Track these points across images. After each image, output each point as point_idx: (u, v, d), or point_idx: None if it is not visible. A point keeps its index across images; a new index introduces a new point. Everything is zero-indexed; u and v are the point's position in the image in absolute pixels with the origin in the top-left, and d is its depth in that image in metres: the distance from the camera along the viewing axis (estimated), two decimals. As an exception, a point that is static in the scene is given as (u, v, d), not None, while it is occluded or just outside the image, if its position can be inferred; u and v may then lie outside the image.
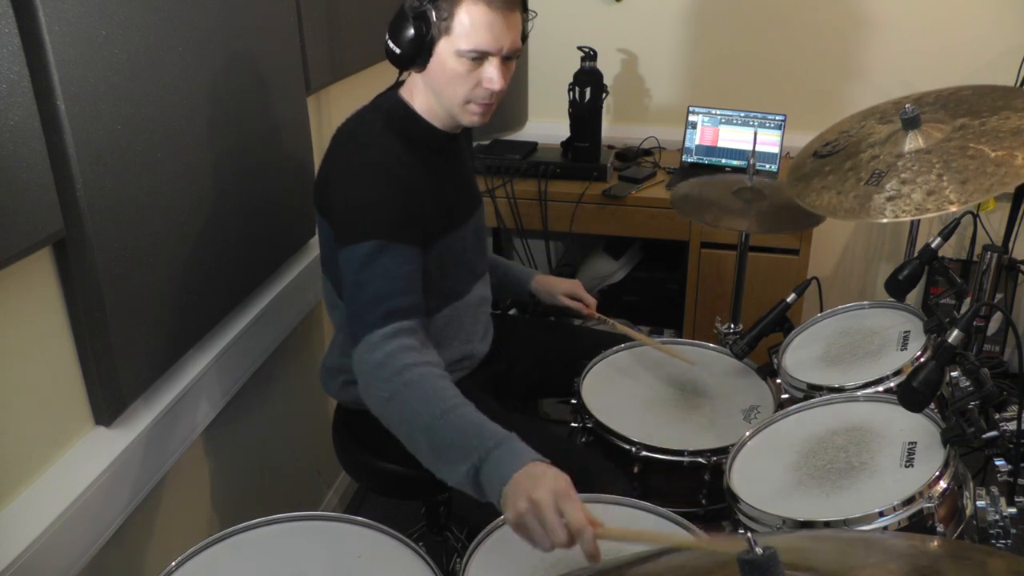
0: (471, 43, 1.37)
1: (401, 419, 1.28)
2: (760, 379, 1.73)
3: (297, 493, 2.19)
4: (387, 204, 1.40)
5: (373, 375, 1.30)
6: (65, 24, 1.18)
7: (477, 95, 1.43)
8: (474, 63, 1.39)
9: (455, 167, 1.59)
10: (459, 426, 1.23)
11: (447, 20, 1.37)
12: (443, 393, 1.27)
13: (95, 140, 1.25)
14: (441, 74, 1.42)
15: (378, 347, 1.31)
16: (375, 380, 1.30)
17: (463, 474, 1.19)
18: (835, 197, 1.53)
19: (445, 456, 1.22)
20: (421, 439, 1.25)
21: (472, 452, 1.19)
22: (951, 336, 1.23)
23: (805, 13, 2.84)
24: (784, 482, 1.31)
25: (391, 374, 1.29)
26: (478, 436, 1.21)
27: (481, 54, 1.38)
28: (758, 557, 0.68)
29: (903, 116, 1.54)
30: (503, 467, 1.15)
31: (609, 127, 2.96)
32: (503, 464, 1.16)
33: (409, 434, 1.27)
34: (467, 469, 1.18)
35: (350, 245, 1.37)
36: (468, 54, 1.38)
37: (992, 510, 1.17)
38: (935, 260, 1.64)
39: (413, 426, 1.26)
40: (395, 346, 1.31)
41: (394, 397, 1.28)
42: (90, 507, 1.30)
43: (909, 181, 1.45)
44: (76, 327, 1.31)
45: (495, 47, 1.38)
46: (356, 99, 1.59)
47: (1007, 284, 2.84)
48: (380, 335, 1.31)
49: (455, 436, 1.22)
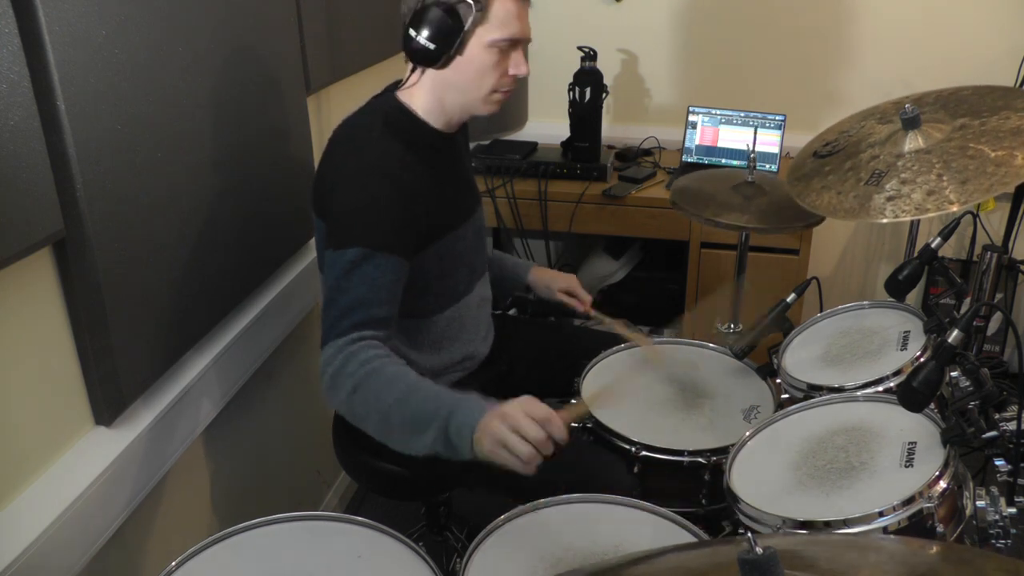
0: (506, 31, 1.41)
1: (367, 408, 1.30)
2: (760, 379, 1.73)
3: (297, 493, 2.19)
4: (379, 211, 1.40)
5: (337, 376, 1.32)
6: (65, 24, 1.18)
7: (504, 84, 1.47)
8: (502, 53, 1.43)
9: (454, 167, 1.59)
10: (422, 397, 1.28)
11: (483, 11, 1.39)
12: (405, 375, 1.31)
13: (95, 140, 1.25)
14: (468, 68, 1.43)
15: (342, 351, 1.33)
16: (339, 380, 1.32)
17: (433, 436, 1.23)
18: (835, 197, 1.53)
19: (413, 427, 1.26)
20: (392, 418, 1.28)
21: (437, 413, 1.24)
22: (951, 336, 1.23)
23: (805, 13, 2.84)
24: (784, 482, 1.31)
25: (355, 368, 1.31)
26: (439, 399, 1.27)
27: (514, 42, 1.43)
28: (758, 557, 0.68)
29: (903, 116, 1.55)
30: (470, 416, 1.22)
31: (609, 127, 2.96)
32: (469, 414, 1.22)
33: (378, 420, 1.29)
34: (435, 429, 1.23)
35: (337, 249, 1.38)
36: (501, 43, 1.41)
37: (992, 510, 1.17)
38: (935, 260, 1.64)
39: (380, 409, 1.28)
40: (358, 347, 1.33)
41: (358, 387, 1.30)
42: (90, 507, 1.30)
43: (909, 181, 1.45)
44: (76, 327, 1.31)
45: (524, 34, 1.44)
46: (356, 99, 1.58)
47: (1007, 284, 2.84)
48: (345, 341, 1.33)
49: (420, 406, 1.27)
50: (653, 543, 1.25)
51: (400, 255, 1.40)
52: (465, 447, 1.21)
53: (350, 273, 1.35)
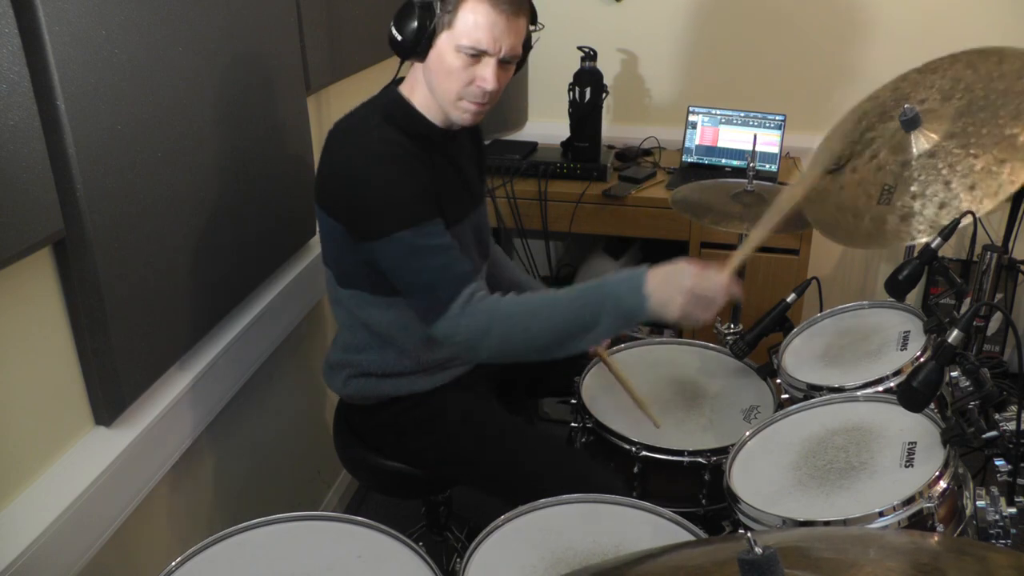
0: (470, 40, 1.39)
1: (512, 334, 1.40)
2: (760, 379, 1.73)
3: (297, 493, 2.19)
4: (401, 190, 1.43)
5: (470, 330, 1.39)
6: (65, 24, 1.18)
7: (469, 93, 1.44)
8: (471, 60, 1.41)
9: (453, 164, 1.59)
10: (565, 297, 1.40)
11: (451, 13, 1.39)
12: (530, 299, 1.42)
13: (95, 140, 1.25)
14: (438, 67, 1.43)
15: (460, 314, 1.39)
16: (473, 332, 1.39)
17: (610, 321, 1.37)
18: (851, 221, 1.52)
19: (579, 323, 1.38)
20: (552, 341, 1.40)
21: (598, 302, 1.38)
22: (951, 336, 1.23)
23: (805, 13, 2.84)
24: (784, 482, 1.31)
25: (479, 315, 1.39)
26: (588, 291, 1.40)
27: (478, 52, 1.40)
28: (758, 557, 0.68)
29: (902, 118, 1.54)
30: (634, 291, 1.36)
31: (609, 127, 2.96)
32: (631, 290, 1.36)
33: (537, 348, 1.40)
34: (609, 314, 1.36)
35: (382, 239, 1.41)
36: (466, 50, 1.40)
37: (992, 510, 1.17)
38: (935, 260, 1.63)
39: (537, 339, 1.39)
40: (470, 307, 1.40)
41: (493, 326, 1.39)
42: (90, 507, 1.30)
43: (919, 195, 1.44)
44: (76, 327, 1.31)
45: (493, 47, 1.40)
46: (356, 99, 1.59)
47: (1007, 284, 2.84)
48: (457, 306, 1.39)
49: (573, 304, 1.39)
50: (653, 543, 1.24)
51: (436, 217, 1.44)
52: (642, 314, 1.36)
53: (410, 256, 1.41)
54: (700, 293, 1.34)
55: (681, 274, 1.36)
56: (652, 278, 1.36)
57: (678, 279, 1.35)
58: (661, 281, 1.36)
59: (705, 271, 1.36)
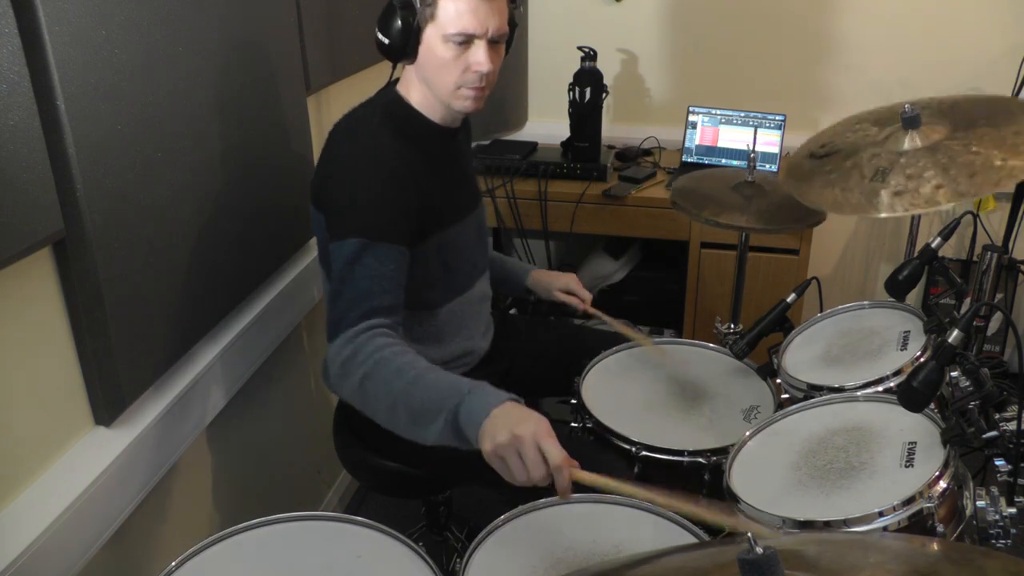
0: (456, 27, 1.40)
1: (377, 394, 1.28)
2: (760, 379, 1.73)
3: (297, 493, 2.19)
4: (377, 201, 1.41)
5: (347, 364, 1.31)
6: (65, 24, 1.18)
7: (467, 80, 1.45)
8: (461, 47, 1.42)
9: (454, 162, 1.60)
10: (434, 384, 1.26)
11: (432, 7, 1.40)
12: (416, 362, 1.29)
13: (95, 140, 1.25)
14: (431, 62, 1.44)
15: (351, 340, 1.32)
16: (349, 367, 1.31)
17: (442, 424, 1.20)
18: (839, 194, 1.51)
19: (423, 414, 1.23)
20: (400, 409, 1.25)
21: (448, 399, 1.21)
22: (951, 336, 1.23)
23: (805, 14, 2.84)
24: (784, 482, 1.31)
25: (364, 357, 1.30)
26: (453, 386, 1.24)
27: (467, 37, 1.41)
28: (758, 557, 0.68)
29: (904, 116, 1.54)
30: (481, 406, 1.18)
31: (609, 127, 2.96)
32: (480, 403, 1.19)
33: (389, 408, 1.27)
34: (445, 419, 1.20)
35: (338, 241, 1.39)
36: (454, 38, 1.40)
37: (992, 510, 1.17)
38: (935, 260, 1.64)
39: (392, 398, 1.26)
40: (367, 336, 1.32)
41: (369, 376, 1.28)
42: (90, 507, 1.30)
43: (915, 176, 1.43)
44: (76, 327, 1.31)
45: (480, 29, 1.41)
46: (356, 99, 1.59)
47: (1007, 284, 2.84)
48: (355, 331, 1.32)
49: (431, 393, 1.24)
50: (653, 543, 1.25)
51: (399, 243, 1.40)
52: (471, 434, 1.18)
53: (352, 265, 1.36)
54: (524, 449, 1.12)
55: (528, 422, 1.14)
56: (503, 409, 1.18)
57: (522, 423, 1.14)
58: (506, 413, 1.17)
59: (550, 440, 1.14)
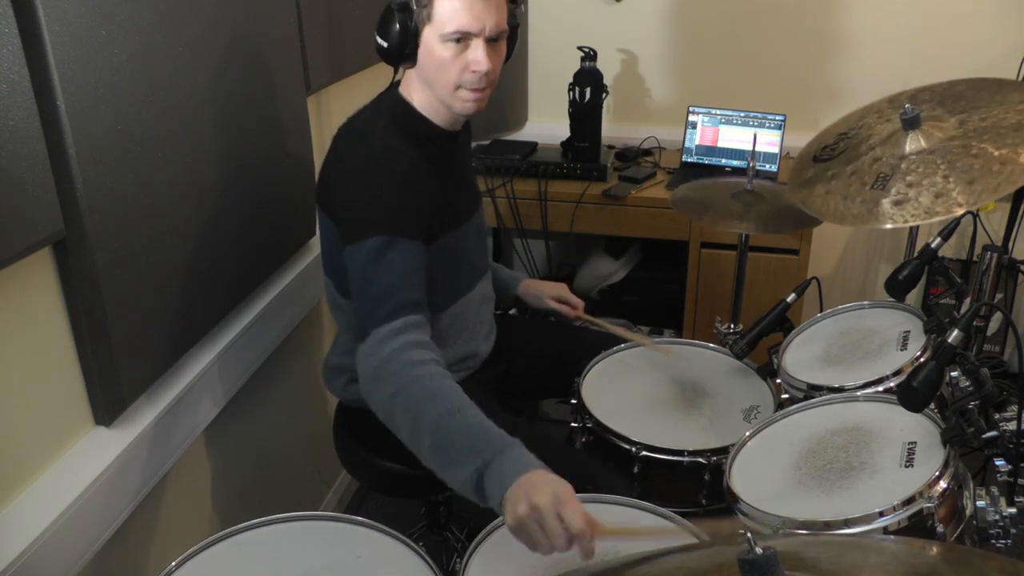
0: (453, 25, 1.39)
1: (407, 416, 1.26)
2: (760, 379, 1.73)
3: (297, 493, 2.19)
4: (392, 200, 1.41)
5: (381, 369, 1.30)
6: (65, 24, 1.18)
7: (466, 80, 1.44)
8: (459, 46, 1.41)
9: (456, 165, 1.60)
10: (466, 427, 1.23)
11: (428, 7, 1.39)
12: (451, 393, 1.27)
13: (95, 140, 1.25)
14: (430, 63, 1.43)
15: (386, 342, 1.31)
16: (382, 374, 1.29)
17: (467, 476, 1.18)
18: (841, 203, 1.52)
19: (450, 456, 1.21)
20: (426, 437, 1.24)
21: (478, 455, 1.18)
22: (951, 336, 1.23)
23: (805, 13, 2.84)
24: (784, 482, 1.31)
25: (399, 367, 1.28)
26: (485, 439, 1.21)
27: (464, 35, 1.40)
28: (758, 557, 0.68)
29: (903, 116, 1.54)
30: (506, 472, 1.15)
31: (609, 127, 2.96)
32: (507, 469, 1.16)
33: (414, 431, 1.26)
34: (472, 472, 1.18)
35: (356, 242, 1.38)
36: (451, 36, 1.40)
37: (992, 510, 1.18)
38: (935, 260, 1.64)
39: (420, 423, 1.25)
40: (403, 341, 1.31)
41: (400, 393, 1.27)
42: (90, 507, 1.30)
43: (915, 184, 1.43)
44: (76, 327, 1.31)
45: (477, 27, 1.40)
46: (356, 99, 1.59)
47: (1007, 284, 2.84)
48: (388, 330, 1.31)
49: (462, 437, 1.22)
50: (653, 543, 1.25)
51: (418, 239, 1.41)
52: (494, 500, 1.15)
53: (375, 262, 1.36)
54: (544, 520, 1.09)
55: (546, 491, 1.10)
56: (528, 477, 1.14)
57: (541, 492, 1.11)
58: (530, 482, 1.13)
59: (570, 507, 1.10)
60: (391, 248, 1.37)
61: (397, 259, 1.37)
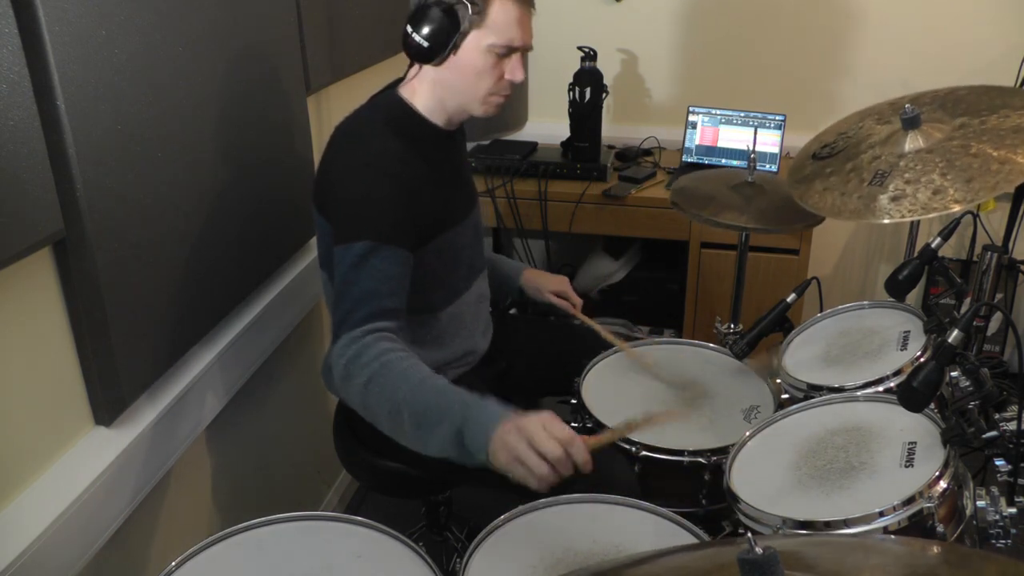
0: (504, 38, 1.40)
1: (382, 398, 1.27)
2: (760, 379, 1.73)
3: (297, 493, 2.19)
4: (382, 204, 1.41)
5: (351, 364, 1.30)
6: (65, 24, 1.18)
7: (501, 88, 1.46)
8: (499, 58, 1.42)
9: (453, 164, 1.60)
10: (438, 389, 1.25)
11: (480, 14, 1.39)
12: (419, 368, 1.28)
13: (95, 140, 1.25)
14: (464, 69, 1.43)
15: (356, 341, 1.31)
16: (353, 369, 1.29)
17: (446, 435, 1.19)
18: (838, 199, 1.52)
19: (427, 421, 1.22)
20: (403, 411, 1.24)
21: (451, 412, 1.20)
22: (951, 336, 1.23)
23: (805, 13, 2.84)
24: (784, 482, 1.31)
25: (369, 359, 1.29)
26: (454, 398, 1.22)
27: (511, 49, 1.42)
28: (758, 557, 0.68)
29: (903, 116, 1.54)
30: (487, 422, 1.17)
31: (609, 127, 2.96)
32: (486, 419, 1.17)
33: (390, 412, 1.26)
34: (448, 429, 1.19)
35: (344, 244, 1.38)
36: (498, 49, 1.41)
37: (992, 510, 1.17)
38: (935, 260, 1.64)
39: (393, 401, 1.25)
40: (372, 339, 1.31)
41: (372, 379, 1.27)
42: (90, 507, 1.30)
43: (913, 181, 1.44)
44: (76, 327, 1.31)
45: (524, 42, 1.43)
46: (356, 99, 1.59)
47: (1007, 284, 2.84)
48: (360, 332, 1.32)
49: (434, 399, 1.23)
50: (653, 543, 1.25)
51: (405, 247, 1.40)
52: (480, 453, 1.16)
53: (358, 267, 1.36)
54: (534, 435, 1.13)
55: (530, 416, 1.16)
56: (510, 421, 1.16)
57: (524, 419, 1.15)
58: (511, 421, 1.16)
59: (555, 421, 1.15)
60: (376, 254, 1.36)
61: (380, 265, 1.36)
